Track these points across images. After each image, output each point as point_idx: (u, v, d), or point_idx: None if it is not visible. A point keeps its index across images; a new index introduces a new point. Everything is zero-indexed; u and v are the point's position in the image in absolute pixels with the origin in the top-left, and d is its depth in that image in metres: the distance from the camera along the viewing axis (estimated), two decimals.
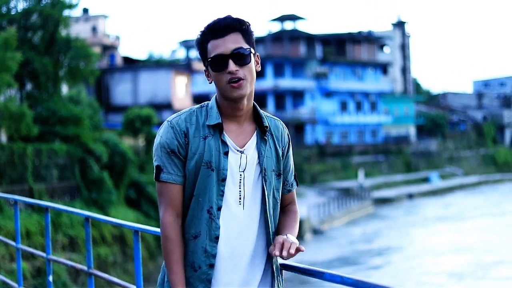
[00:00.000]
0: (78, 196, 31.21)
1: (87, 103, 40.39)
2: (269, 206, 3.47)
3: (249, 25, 3.43)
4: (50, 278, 6.87)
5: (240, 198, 3.42)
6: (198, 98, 61.03)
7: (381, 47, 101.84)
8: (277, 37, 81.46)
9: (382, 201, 62.32)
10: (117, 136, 37.03)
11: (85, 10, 77.69)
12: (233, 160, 3.41)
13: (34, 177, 29.02)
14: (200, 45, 3.45)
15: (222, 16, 3.44)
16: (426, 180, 79.64)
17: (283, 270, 3.64)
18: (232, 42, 3.36)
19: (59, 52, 34.13)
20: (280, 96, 76.02)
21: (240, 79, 3.36)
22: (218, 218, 3.39)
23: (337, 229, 48.14)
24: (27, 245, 23.77)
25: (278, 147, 3.51)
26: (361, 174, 66.82)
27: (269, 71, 74.74)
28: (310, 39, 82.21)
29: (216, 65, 3.37)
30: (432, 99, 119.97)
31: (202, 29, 3.44)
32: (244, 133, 3.46)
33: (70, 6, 34.32)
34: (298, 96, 76.88)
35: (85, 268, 6.10)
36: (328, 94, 79.70)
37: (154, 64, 69.15)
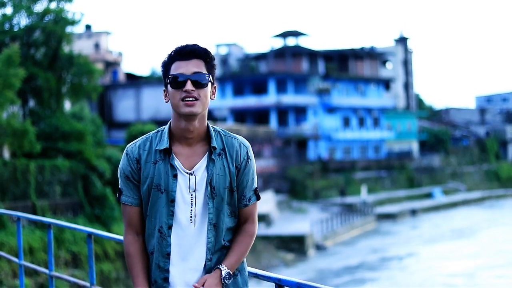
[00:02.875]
0: (81, 212, 31.20)
1: (90, 119, 40.43)
2: (218, 222, 3.68)
3: (214, 58, 3.74)
4: None
5: (191, 217, 3.65)
6: None
7: (384, 63, 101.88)
8: (280, 53, 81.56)
9: (385, 217, 62.23)
10: (120, 152, 37.02)
11: (88, 27, 77.88)
12: (182, 182, 3.66)
13: (37, 194, 29.03)
14: (165, 65, 3.73)
15: (191, 42, 3.74)
16: (429, 195, 79.54)
17: (280, 285, 3.73)
18: (194, 66, 3.65)
19: (62, 69, 34.21)
20: (283, 112, 76.03)
21: (194, 98, 3.62)
22: (170, 236, 3.66)
23: (340, 244, 48.08)
24: (30, 261, 23.75)
25: (231, 165, 3.69)
26: (364, 190, 66.73)
27: (272, 87, 74.79)
28: (312, 55, 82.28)
29: (175, 82, 3.65)
30: (434, 115, 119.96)
31: (170, 52, 3.73)
32: (194, 155, 3.70)
33: (73, 23, 34.41)
34: (300, 112, 76.89)
35: (87, 284, 6.09)
36: (330, 110, 79.71)
37: (157, 80, 69.20)
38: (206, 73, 3.67)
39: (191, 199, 3.65)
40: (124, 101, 55.94)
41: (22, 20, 34.30)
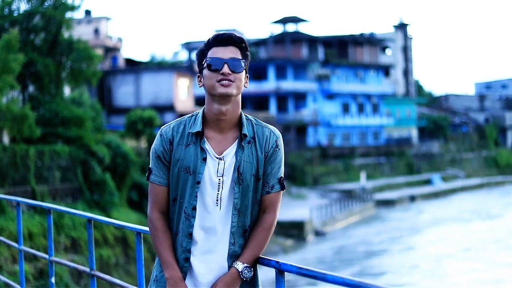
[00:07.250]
0: (80, 198, 31.22)
1: (89, 105, 40.37)
2: (242, 208, 3.83)
3: (248, 48, 3.90)
4: (53, 280, 6.87)
5: (217, 200, 3.80)
6: (200, 100, 61.00)
7: (383, 49, 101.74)
8: (279, 39, 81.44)
9: (384, 203, 62.31)
10: (119, 138, 37.04)
11: (88, 12, 77.69)
12: (211, 166, 3.80)
13: (37, 179, 29.03)
14: (201, 52, 3.89)
15: (227, 31, 3.90)
16: (428, 182, 79.60)
17: (281, 270, 3.71)
18: (231, 52, 3.83)
19: (62, 54, 34.13)
20: (282, 98, 75.99)
21: (230, 81, 3.78)
22: (193, 217, 3.81)
23: (339, 230, 48.16)
24: (30, 246, 23.79)
25: (259, 153, 3.85)
26: (363, 176, 66.75)
27: (271, 73, 74.71)
28: (312, 41, 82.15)
29: (213, 65, 3.79)
30: (434, 101, 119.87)
31: (208, 39, 3.90)
32: (225, 141, 3.85)
33: (73, 8, 34.31)
34: (300, 98, 76.84)
35: (87, 269, 6.11)
36: (330, 96, 79.67)
37: (156, 66, 69.14)
38: (242, 59, 3.83)
39: (219, 183, 3.79)
40: (123, 86, 55.83)
41: (22, 5, 34.21)
